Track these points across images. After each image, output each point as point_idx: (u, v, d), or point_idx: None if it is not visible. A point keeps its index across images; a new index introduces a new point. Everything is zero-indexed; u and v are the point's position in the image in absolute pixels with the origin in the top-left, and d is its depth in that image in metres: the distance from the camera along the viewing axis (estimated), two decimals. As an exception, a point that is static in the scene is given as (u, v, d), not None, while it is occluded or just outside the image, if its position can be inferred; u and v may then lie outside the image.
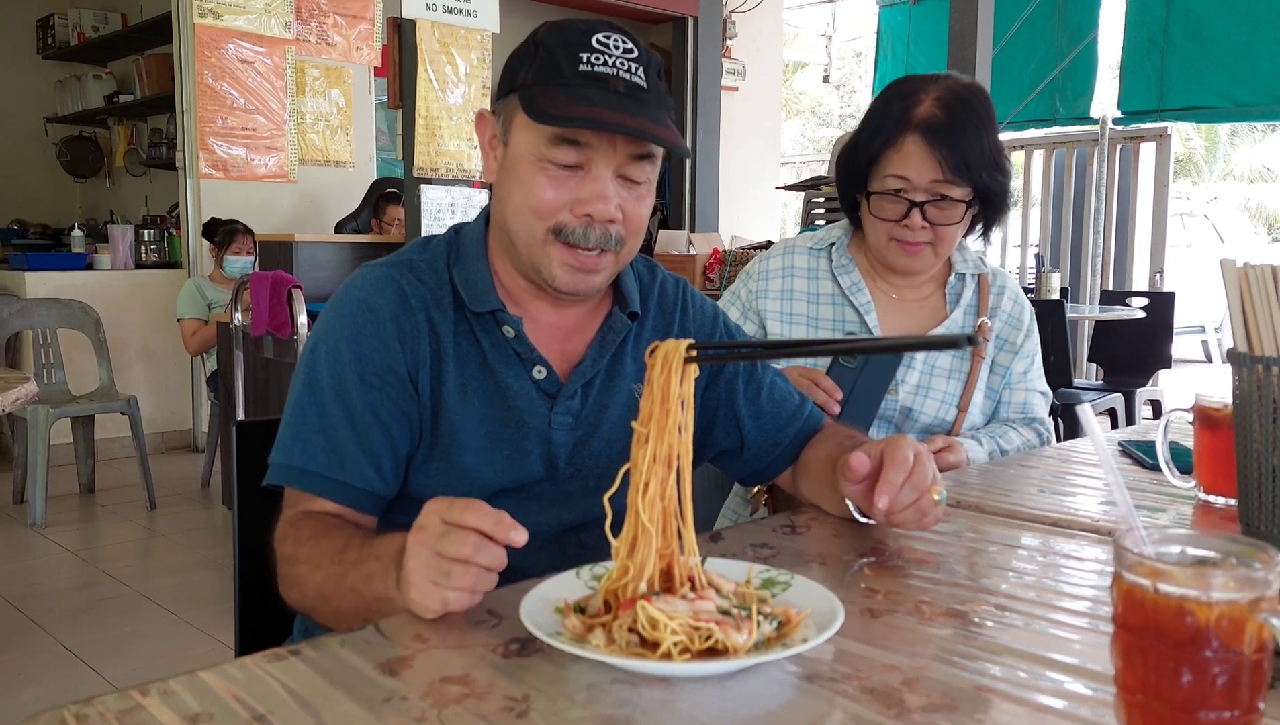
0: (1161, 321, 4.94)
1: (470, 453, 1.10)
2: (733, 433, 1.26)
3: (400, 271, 1.13)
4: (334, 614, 0.96)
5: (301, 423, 1.07)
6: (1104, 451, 0.69)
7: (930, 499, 1.01)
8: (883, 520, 1.03)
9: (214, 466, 4.62)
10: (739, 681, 0.72)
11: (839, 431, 1.28)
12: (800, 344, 0.84)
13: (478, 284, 1.13)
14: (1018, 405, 1.74)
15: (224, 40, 4.57)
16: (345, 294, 1.13)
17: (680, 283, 1.29)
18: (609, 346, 1.17)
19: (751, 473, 1.30)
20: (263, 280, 3.61)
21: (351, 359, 1.08)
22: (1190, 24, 6.32)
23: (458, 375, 1.10)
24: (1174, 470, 1.25)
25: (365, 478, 1.06)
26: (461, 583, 0.80)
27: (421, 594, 0.82)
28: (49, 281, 5.13)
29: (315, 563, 0.97)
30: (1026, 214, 7.67)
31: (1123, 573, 0.62)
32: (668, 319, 1.24)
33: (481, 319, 1.12)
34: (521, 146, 1.08)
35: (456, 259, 1.15)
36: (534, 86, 1.05)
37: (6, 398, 2.19)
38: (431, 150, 3.99)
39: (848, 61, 15.74)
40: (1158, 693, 0.60)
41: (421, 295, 1.11)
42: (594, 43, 1.05)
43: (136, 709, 0.67)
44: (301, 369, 1.11)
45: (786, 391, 1.29)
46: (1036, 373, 1.77)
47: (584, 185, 1.06)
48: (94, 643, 2.90)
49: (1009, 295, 1.75)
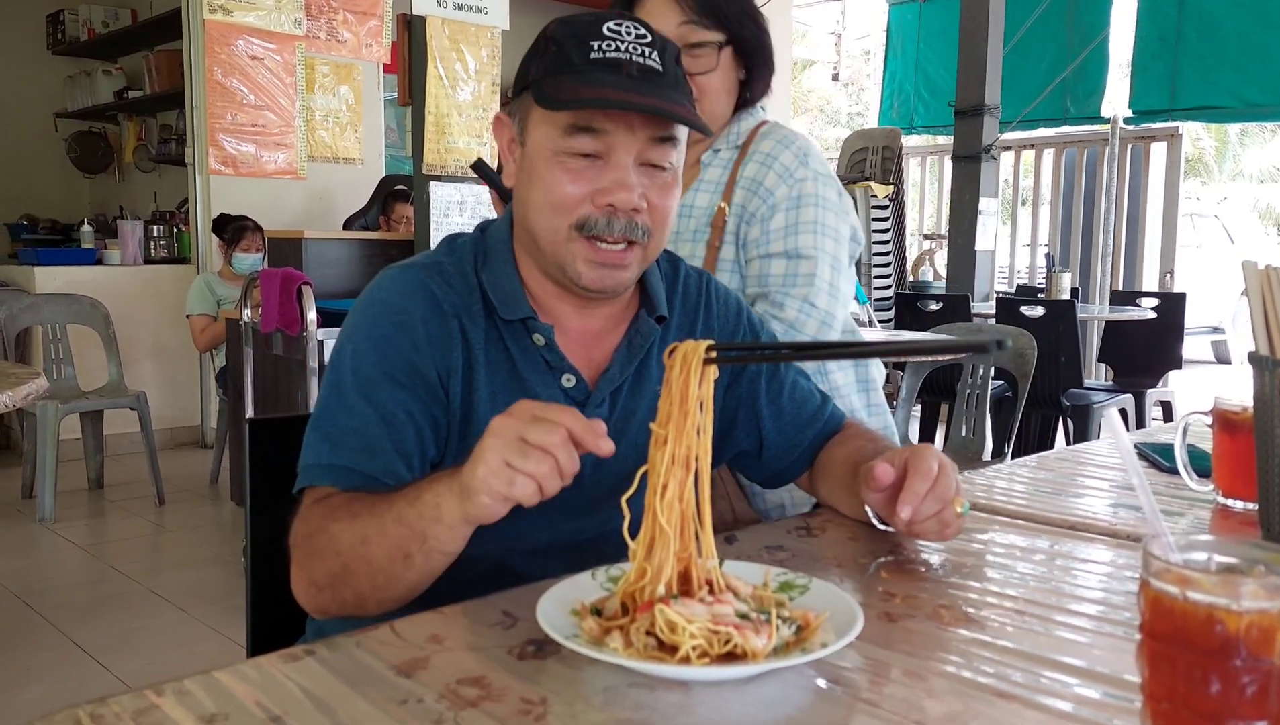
0: (1172, 322, 4.92)
1: None
2: (752, 433, 1.24)
3: (429, 275, 1.10)
4: (366, 563, 0.92)
5: (330, 425, 1.04)
6: (1131, 458, 0.68)
7: (953, 511, 0.99)
8: (904, 530, 1.01)
9: (222, 463, 4.63)
10: (758, 686, 0.71)
11: (859, 433, 1.26)
12: (822, 346, 0.84)
13: (507, 290, 1.10)
14: (754, 277, 1.56)
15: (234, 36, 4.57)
16: (373, 296, 1.10)
17: (704, 277, 1.26)
18: (636, 352, 1.14)
19: (769, 475, 1.28)
20: (272, 277, 3.61)
21: (380, 360, 1.05)
22: (1202, 23, 6.29)
23: (488, 383, 1.08)
24: (1192, 474, 1.25)
25: (397, 474, 1.02)
26: (537, 468, 0.82)
27: (490, 470, 0.83)
28: (58, 277, 5.14)
29: (353, 514, 0.95)
30: (1036, 213, 7.65)
31: (1150, 580, 0.61)
32: (691, 318, 1.22)
33: (511, 326, 1.10)
34: (538, 143, 1.06)
35: (484, 262, 1.12)
36: (545, 79, 1.04)
37: (17, 393, 2.20)
38: (441, 147, 3.99)
39: (856, 60, 15.70)
40: (1185, 702, 0.59)
41: (453, 301, 1.08)
42: (605, 30, 1.03)
43: (152, 709, 0.67)
44: (329, 372, 1.08)
45: (808, 391, 1.27)
46: (781, 252, 1.55)
47: (604, 174, 1.04)
48: (103, 638, 2.90)
49: (777, 170, 1.58)
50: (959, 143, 5.86)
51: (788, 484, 1.29)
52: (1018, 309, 4.26)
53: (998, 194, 6.04)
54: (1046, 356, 3.72)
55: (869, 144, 6.95)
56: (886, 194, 6.44)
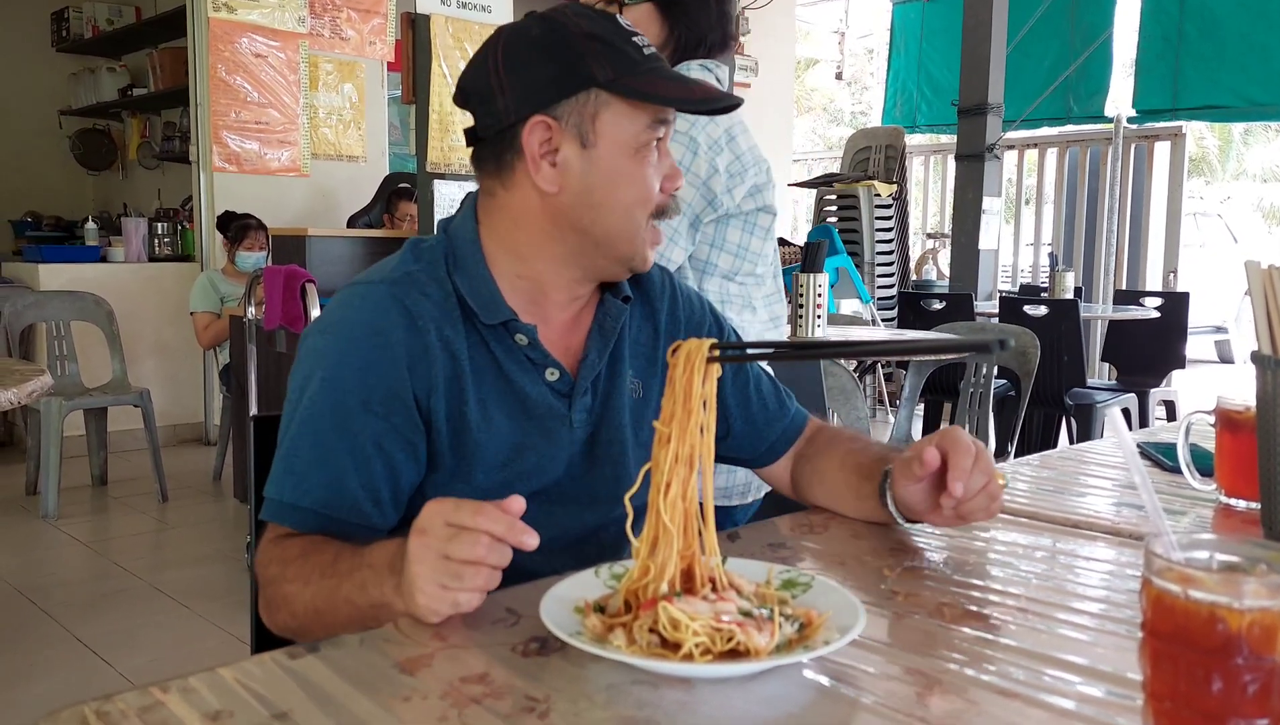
0: (1176, 321, 4.91)
1: (495, 469, 1.07)
2: (721, 422, 1.24)
3: (401, 289, 1.05)
4: (327, 629, 0.90)
5: (294, 456, 1.02)
6: (1134, 458, 0.68)
7: (997, 483, 1.00)
8: (949, 514, 1.01)
9: (225, 459, 4.63)
10: (760, 684, 0.72)
11: (837, 434, 1.27)
12: (823, 345, 0.84)
13: (485, 294, 1.07)
14: None
15: (238, 34, 4.57)
16: (344, 316, 1.05)
17: (666, 272, 1.27)
18: (609, 335, 1.14)
19: (734, 460, 1.30)
20: (276, 275, 3.61)
21: (356, 387, 1.01)
22: (1205, 23, 6.29)
23: (476, 390, 1.06)
24: (1195, 473, 1.25)
25: (361, 513, 1.02)
26: (474, 583, 0.80)
27: (429, 598, 0.80)
28: (62, 274, 5.14)
29: (305, 579, 0.94)
30: (1040, 212, 7.64)
31: (1152, 578, 0.61)
32: (654, 307, 1.21)
33: (493, 329, 1.08)
34: (616, 140, 1.03)
35: (455, 265, 1.09)
36: (622, 78, 1.02)
37: (22, 390, 2.20)
38: (444, 145, 3.99)
39: (860, 59, 15.69)
40: (1188, 700, 0.59)
41: (430, 312, 1.04)
42: (625, 27, 1.06)
43: (157, 706, 0.67)
44: (298, 395, 1.04)
45: (771, 389, 1.29)
46: None
47: (663, 161, 1.08)
48: (106, 634, 2.90)
49: None
50: (962, 141, 5.86)
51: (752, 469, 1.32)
52: (1021, 308, 4.26)
53: (1001, 193, 6.04)
54: (1050, 356, 3.72)
55: (872, 143, 6.96)
56: (890, 193, 6.45)
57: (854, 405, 2.89)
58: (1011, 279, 7.95)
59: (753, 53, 7.51)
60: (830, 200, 6.50)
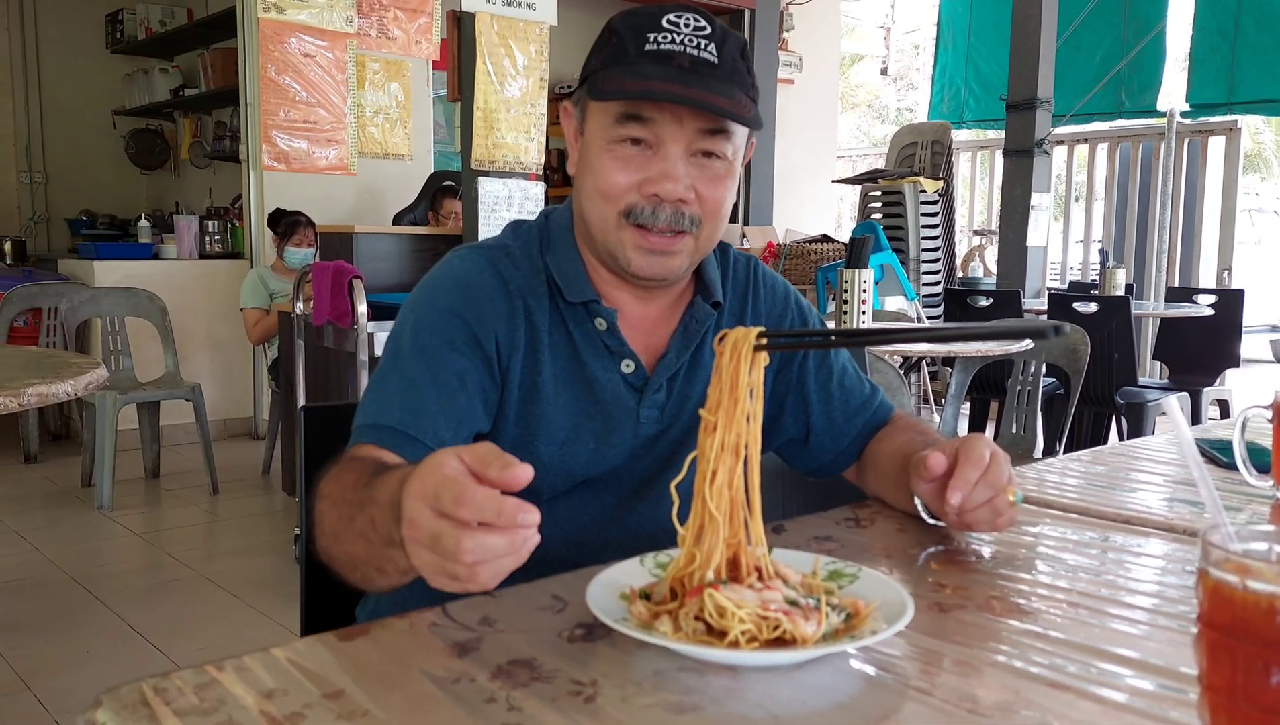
0: (1230, 320, 4.81)
1: (556, 445, 1.09)
2: (800, 420, 1.24)
3: (496, 256, 1.12)
4: (348, 560, 0.88)
5: (382, 386, 1.06)
6: (1190, 448, 0.67)
7: (1005, 499, 0.98)
8: (954, 521, 1.00)
9: (274, 453, 4.70)
10: (807, 673, 0.72)
11: (909, 425, 1.25)
12: (872, 332, 0.83)
13: (572, 273, 1.12)
14: None
15: (287, 34, 4.63)
16: (441, 271, 1.12)
17: (751, 262, 1.27)
18: (692, 338, 1.16)
19: (816, 466, 1.28)
20: (324, 271, 3.66)
21: (442, 327, 1.07)
22: (1262, 15, 6.15)
23: (552, 364, 1.09)
24: (1251, 469, 1.22)
25: (439, 437, 1.00)
26: (478, 580, 0.71)
27: (442, 586, 0.74)
28: (116, 271, 5.26)
29: (334, 498, 0.91)
30: (1090, 208, 7.52)
31: (1209, 569, 0.60)
32: (740, 303, 1.23)
33: (574, 310, 1.12)
34: (593, 132, 1.08)
35: (549, 246, 1.15)
36: (600, 71, 1.06)
37: (78, 383, 2.25)
38: (489, 143, 4.02)
39: (906, 54, 15.54)
40: (1245, 693, 0.58)
41: (519, 281, 1.11)
42: (664, 23, 1.04)
43: (213, 683, 0.69)
44: (394, 343, 1.09)
45: (857, 379, 1.26)
46: None
47: (653, 164, 1.05)
48: (159, 622, 2.96)
49: None
50: (1010, 137, 5.78)
51: (834, 476, 1.28)
52: (1070, 305, 4.20)
53: (1050, 189, 5.95)
54: (1100, 353, 3.66)
55: (918, 139, 6.88)
56: (936, 189, 6.37)
57: (900, 402, 2.87)
58: (1060, 276, 7.83)
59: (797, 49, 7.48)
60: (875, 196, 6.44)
